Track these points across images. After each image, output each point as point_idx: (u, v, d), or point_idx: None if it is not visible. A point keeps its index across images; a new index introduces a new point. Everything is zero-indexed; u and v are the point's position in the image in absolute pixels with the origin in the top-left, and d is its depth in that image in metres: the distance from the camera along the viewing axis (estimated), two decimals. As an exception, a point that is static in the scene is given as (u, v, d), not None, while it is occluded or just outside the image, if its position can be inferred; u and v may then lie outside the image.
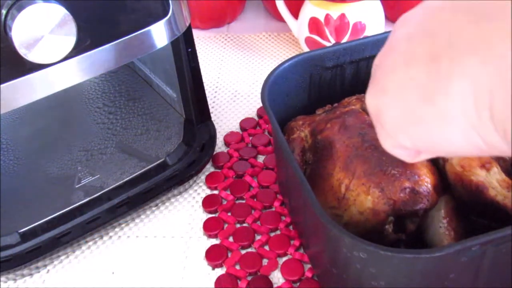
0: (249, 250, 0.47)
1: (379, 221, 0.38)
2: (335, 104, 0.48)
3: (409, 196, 0.37)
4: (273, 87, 0.45)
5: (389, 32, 0.49)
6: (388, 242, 0.38)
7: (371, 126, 0.42)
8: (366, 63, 0.50)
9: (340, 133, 0.43)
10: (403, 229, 0.39)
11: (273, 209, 0.51)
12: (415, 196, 0.37)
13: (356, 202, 0.38)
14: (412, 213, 0.38)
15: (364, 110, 0.45)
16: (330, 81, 0.50)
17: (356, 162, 0.40)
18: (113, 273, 0.47)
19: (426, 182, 0.38)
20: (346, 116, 0.44)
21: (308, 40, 0.67)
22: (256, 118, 0.62)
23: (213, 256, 0.47)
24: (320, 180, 0.42)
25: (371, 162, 0.39)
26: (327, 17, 0.63)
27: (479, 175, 0.37)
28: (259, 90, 0.67)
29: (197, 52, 0.51)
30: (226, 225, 0.50)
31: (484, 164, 0.37)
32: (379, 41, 0.49)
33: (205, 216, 0.51)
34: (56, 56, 0.36)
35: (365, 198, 0.38)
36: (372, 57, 0.49)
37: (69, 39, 0.36)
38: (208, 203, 0.52)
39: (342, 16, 0.63)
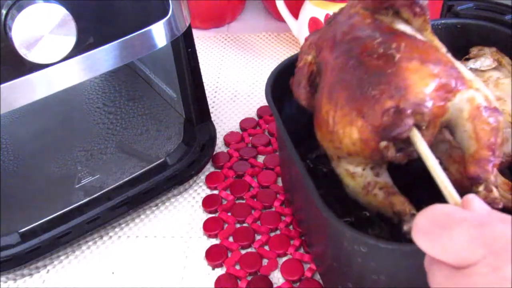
0: (249, 250, 0.47)
1: (374, 149, 0.35)
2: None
3: (393, 118, 0.32)
4: (277, 83, 0.45)
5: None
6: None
7: (361, 34, 0.37)
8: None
9: (330, 53, 0.38)
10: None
11: (273, 209, 0.51)
12: (400, 117, 0.32)
13: (345, 134, 0.35)
14: (398, 138, 0.33)
15: (367, 10, 0.39)
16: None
17: (339, 88, 0.36)
18: (113, 273, 0.47)
19: (416, 92, 0.32)
20: (339, 28, 0.39)
21: (308, 40, 0.67)
22: (256, 118, 0.62)
23: (213, 256, 0.47)
24: (316, 113, 0.39)
25: (352, 85, 0.35)
26: (327, 17, 0.63)
27: None
28: (259, 90, 0.67)
29: (197, 52, 0.51)
30: (226, 225, 0.50)
31: None
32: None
33: (205, 216, 0.51)
34: (56, 56, 0.36)
35: (351, 129, 0.35)
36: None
37: (69, 39, 0.36)
38: (208, 203, 0.52)
39: (342, 16, 0.63)
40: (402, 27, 0.37)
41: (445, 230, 0.25)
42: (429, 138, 0.34)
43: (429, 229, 0.25)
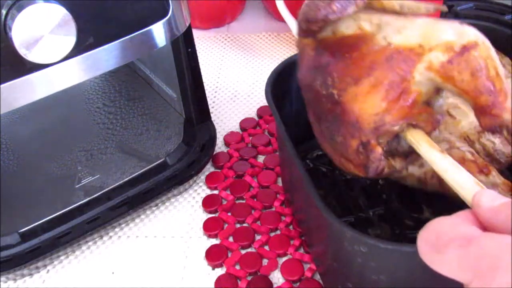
0: (249, 250, 0.47)
1: (385, 174, 0.35)
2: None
3: (366, 154, 0.32)
4: (277, 83, 0.45)
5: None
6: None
7: (308, 80, 0.36)
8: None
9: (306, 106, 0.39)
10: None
11: (273, 209, 0.51)
12: (367, 152, 0.32)
13: (357, 174, 0.36)
14: (382, 174, 0.34)
15: (307, 37, 0.36)
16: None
17: (323, 142, 0.37)
18: (113, 273, 0.47)
19: (366, 118, 0.31)
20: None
21: (308, 40, 0.67)
22: (256, 118, 0.62)
23: (213, 256, 0.47)
24: None
25: (327, 138, 0.35)
26: (327, 17, 0.63)
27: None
28: (259, 90, 0.67)
29: (197, 52, 0.51)
30: (226, 225, 0.50)
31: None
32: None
33: (205, 216, 0.51)
34: (56, 56, 0.36)
35: (355, 171, 0.35)
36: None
37: (69, 39, 0.36)
38: (208, 203, 0.52)
39: (342, 16, 0.63)
40: (345, 25, 0.34)
41: (438, 254, 0.24)
42: (430, 123, 0.32)
43: (426, 251, 0.24)
